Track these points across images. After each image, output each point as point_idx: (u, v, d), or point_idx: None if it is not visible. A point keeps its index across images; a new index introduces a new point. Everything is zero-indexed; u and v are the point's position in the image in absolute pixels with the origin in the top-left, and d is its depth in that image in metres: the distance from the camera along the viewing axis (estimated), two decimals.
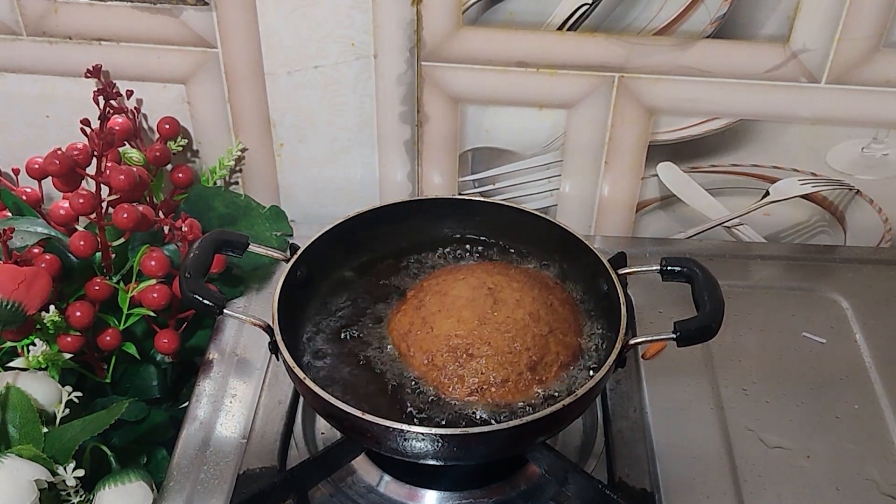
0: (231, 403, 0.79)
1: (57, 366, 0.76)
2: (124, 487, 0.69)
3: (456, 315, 0.71)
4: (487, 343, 0.69)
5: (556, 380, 0.69)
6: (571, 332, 0.72)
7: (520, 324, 0.70)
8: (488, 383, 0.68)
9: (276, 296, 0.70)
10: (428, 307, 0.73)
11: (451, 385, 0.68)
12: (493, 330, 0.70)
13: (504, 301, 0.72)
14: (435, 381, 0.69)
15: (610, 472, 0.73)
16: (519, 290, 0.73)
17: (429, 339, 0.71)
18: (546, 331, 0.70)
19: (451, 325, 0.71)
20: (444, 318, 0.71)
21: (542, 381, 0.69)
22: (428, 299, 0.74)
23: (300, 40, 0.88)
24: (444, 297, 0.73)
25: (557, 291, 0.75)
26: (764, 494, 0.72)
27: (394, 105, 0.92)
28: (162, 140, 0.94)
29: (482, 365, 0.68)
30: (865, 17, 0.81)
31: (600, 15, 0.83)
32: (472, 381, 0.68)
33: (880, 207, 0.95)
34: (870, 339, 0.86)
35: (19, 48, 0.91)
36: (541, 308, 0.72)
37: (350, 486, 0.74)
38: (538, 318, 0.71)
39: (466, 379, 0.68)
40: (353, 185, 0.98)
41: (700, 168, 0.94)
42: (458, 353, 0.69)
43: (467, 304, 0.72)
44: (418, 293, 0.76)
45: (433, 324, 0.71)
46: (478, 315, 0.71)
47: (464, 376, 0.68)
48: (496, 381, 0.68)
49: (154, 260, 0.80)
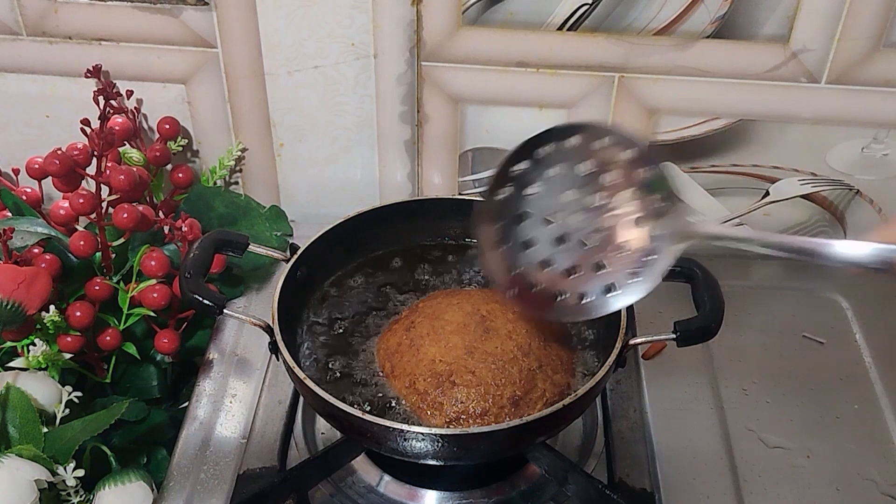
0: (231, 403, 0.79)
1: (57, 366, 0.76)
2: (124, 487, 0.69)
3: (444, 340, 0.69)
4: (472, 373, 0.67)
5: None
6: (562, 369, 0.70)
7: (508, 356, 0.68)
8: (467, 413, 0.66)
9: (276, 296, 0.70)
10: (418, 329, 0.71)
11: (429, 411, 0.66)
12: (480, 360, 0.68)
13: (496, 331, 0.70)
14: (415, 406, 0.67)
15: (610, 472, 0.73)
16: (513, 321, 0.70)
17: (413, 362, 0.69)
18: (535, 366, 0.68)
19: (437, 351, 0.69)
20: (432, 343, 0.69)
21: (524, 416, 0.65)
22: (419, 321, 0.72)
23: (300, 40, 0.88)
24: (435, 320, 0.71)
25: (554, 325, 0.72)
26: (764, 494, 0.72)
27: (394, 105, 0.92)
28: (162, 140, 0.94)
29: (463, 394, 0.66)
30: (865, 17, 0.81)
31: (600, 15, 0.83)
32: (451, 411, 0.66)
33: (880, 207, 0.95)
34: (870, 339, 0.86)
35: (19, 48, 0.91)
36: (533, 341, 0.69)
37: (350, 486, 0.74)
38: (528, 352, 0.69)
39: (446, 407, 0.66)
40: (353, 185, 0.98)
41: (700, 168, 0.94)
42: (440, 379, 0.67)
43: (457, 331, 0.70)
44: (411, 314, 0.74)
45: (420, 346, 0.69)
46: (466, 343, 0.69)
47: (443, 404, 0.66)
48: (475, 413, 0.66)
49: (154, 260, 0.80)
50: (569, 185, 0.62)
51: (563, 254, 0.64)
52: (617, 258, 0.61)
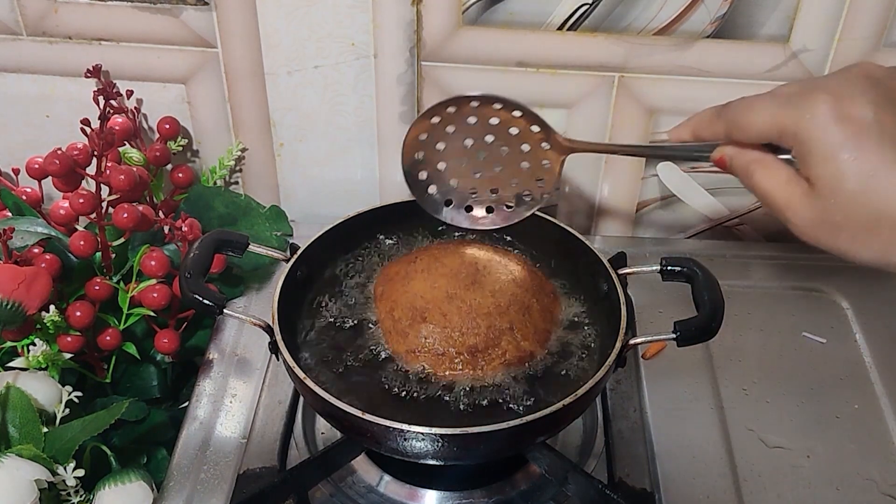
0: (231, 403, 0.79)
1: (57, 366, 0.76)
2: (124, 487, 0.69)
3: (433, 281, 0.73)
4: (444, 315, 0.70)
5: (492, 373, 0.69)
6: (532, 338, 0.71)
7: (482, 309, 0.70)
8: (426, 349, 0.69)
9: (276, 296, 0.70)
10: (417, 264, 0.75)
11: (396, 337, 0.71)
12: (455, 306, 0.70)
13: (482, 284, 0.72)
14: (386, 330, 0.72)
15: (610, 472, 0.73)
16: (503, 282, 0.73)
17: (399, 292, 0.73)
18: (505, 326, 0.70)
19: (422, 287, 0.72)
20: (422, 280, 0.73)
21: (477, 369, 0.69)
22: (422, 258, 0.76)
23: (300, 40, 0.88)
24: (434, 261, 0.75)
25: (546, 301, 0.75)
26: (764, 494, 0.72)
27: (394, 105, 0.92)
28: (162, 140, 0.94)
29: (427, 331, 0.70)
30: (865, 17, 0.81)
31: (600, 15, 0.83)
32: (413, 343, 0.70)
33: None
34: (870, 339, 0.86)
35: (19, 48, 0.91)
36: (513, 305, 0.71)
37: (350, 486, 0.74)
38: (503, 312, 0.71)
39: (410, 337, 0.70)
40: (353, 185, 0.98)
41: (700, 168, 0.94)
42: (414, 313, 0.71)
43: (448, 274, 0.73)
44: (420, 252, 0.78)
45: (412, 280, 0.74)
46: (451, 288, 0.72)
47: (409, 335, 0.70)
48: (433, 351, 0.69)
49: (154, 260, 0.80)
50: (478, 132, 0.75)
51: (481, 180, 0.77)
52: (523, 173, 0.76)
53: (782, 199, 0.53)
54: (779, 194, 0.53)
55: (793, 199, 0.52)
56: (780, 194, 0.53)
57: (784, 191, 0.53)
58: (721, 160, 0.58)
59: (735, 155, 0.57)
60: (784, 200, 0.53)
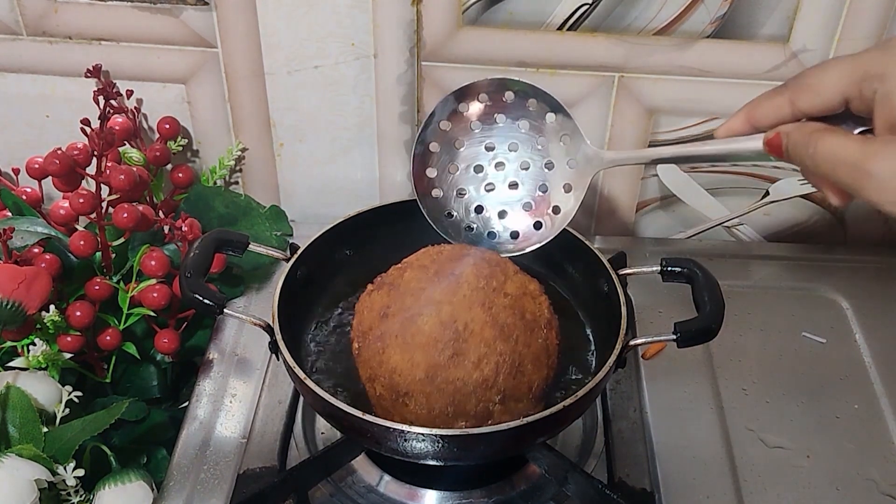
0: (231, 403, 0.79)
1: (57, 366, 0.76)
2: (124, 487, 0.69)
3: (410, 353, 0.64)
4: (426, 397, 0.63)
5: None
6: (526, 398, 0.65)
7: (468, 388, 0.63)
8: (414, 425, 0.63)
9: (276, 296, 0.71)
10: (390, 322, 0.66)
11: (380, 411, 0.66)
12: (438, 387, 0.63)
13: (464, 354, 0.63)
14: (371, 397, 0.67)
15: (610, 472, 0.73)
16: (490, 340, 0.64)
17: (377, 361, 0.65)
18: (495, 399, 0.64)
19: (398, 361, 0.64)
20: (397, 350, 0.64)
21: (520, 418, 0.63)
22: (393, 311, 0.67)
23: (300, 40, 0.88)
24: (408, 323, 0.65)
25: (540, 335, 0.67)
26: (764, 494, 0.72)
27: (394, 105, 0.92)
28: (162, 140, 0.94)
29: (412, 416, 0.64)
30: (865, 17, 0.81)
31: (600, 15, 0.83)
32: (400, 420, 0.64)
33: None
34: (870, 339, 0.86)
35: (19, 48, 0.91)
36: (502, 370, 0.63)
37: (350, 486, 0.74)
38: (492, 385, 0.63)
39: (395, 416, 0.65)
40: (353, 185, 0.99)
41: (700, 168, 0.94)
42: (396, 393, 0.64)
43: (426, 345, 0.64)
44: (391, 291, 0.68)
45: (387, 347, 0.65)
46: (431, 363, 0.63)
47: (393, 415, 0.65)
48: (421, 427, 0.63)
49: (154, 260, 0.80)
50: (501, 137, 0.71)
51: (492, 198, 0.73)
52: (539, 198, 0.71)
53: (859, 154, 0.46)
54: (853, 151, 0.47)
55: (871, 151, 0.46)
56: (855, 151, 0.47)
57: (859, 148, 0.47)
58: (775, 139, 0.53)
59: (793, 130, 0.52)
60: (861, 154, 0.46)
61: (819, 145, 0.49)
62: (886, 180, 0.44)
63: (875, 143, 0.46)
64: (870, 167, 0.45)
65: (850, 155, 0.46)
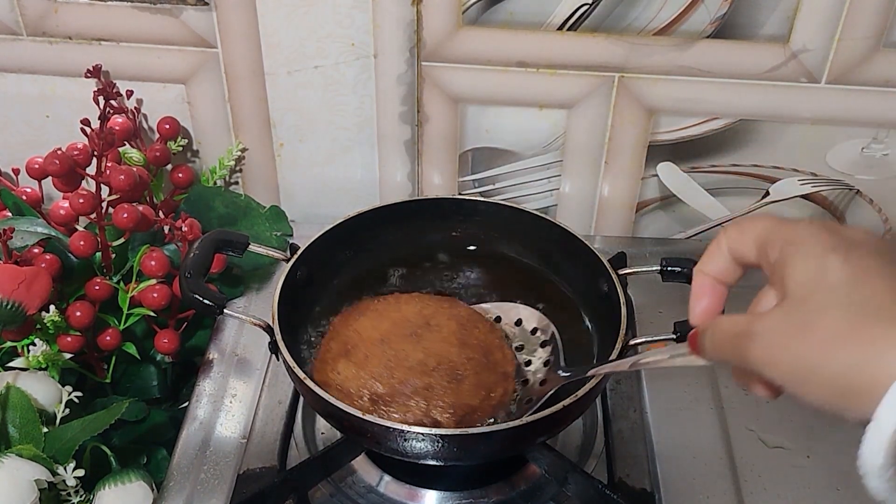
0: (231, 403, 0.79)
1: (57, 366, 0.76)
2: (124, 487, 0.69)
3: (378, 322, 0.71)
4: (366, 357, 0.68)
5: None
6: (446, 409, 0.66)
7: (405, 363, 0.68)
8: (335, 384, 0.68)
9: (276, 296, 0.70)
10: (379, 303, 0.75)
11: (317, 365, 0.70)
12: (381, 351, 0.68)
13: (420, 339, 0.70)
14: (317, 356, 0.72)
15: (610, 472, 0.73)
16: (445, 343, 0.70)
17: (344, 324, 0.72)
18: (420, 385, 0.67)
19: (365, 325, 0.71)
20: (370, 318, 0.72)
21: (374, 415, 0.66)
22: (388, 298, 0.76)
23: (300, 40, 0.88)
24: (395, 304, 0.74)
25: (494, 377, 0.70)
26: (764, 494, 0.72)
27: (394, 105, 0.92)
28: (162, 140, 0.94)
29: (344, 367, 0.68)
30: (865, 17, 0.81)
31: (600, 15, 0.83)
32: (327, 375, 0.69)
33: (880, 207, 0.95)
34: None
35: (19, 48, 0.91)
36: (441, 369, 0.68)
37: (350, 486, 0.74)
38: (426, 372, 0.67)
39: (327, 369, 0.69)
40: (353, 185, 0.99)
41: (700, 168, 0.94)
42: (342, 347, 0.70)
43: (395, 320, 0.71)
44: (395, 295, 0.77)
45: (362, 315, 0.73)
46: (389, 332, 0.70)
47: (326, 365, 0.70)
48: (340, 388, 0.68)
49: (154, 260, 0.80)
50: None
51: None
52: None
53: (745, 323, 0.44)
54: (742, 322, 0.44)
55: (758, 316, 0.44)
56: (743, 321, 0.44)
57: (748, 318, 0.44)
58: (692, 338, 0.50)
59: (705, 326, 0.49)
60: (748, 322, 0.44)
61: (716, 327, 0.47)
62: (767, 338, 0.42)
63: (762, 309, 0.45)
64: (753, 328, 0.43)
65: (738, 325, 0.44)
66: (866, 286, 0.40)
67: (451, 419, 0.66)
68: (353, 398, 0.66)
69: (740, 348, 0.43)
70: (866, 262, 0.41)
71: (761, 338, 0.42)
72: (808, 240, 0.43)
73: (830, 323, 0.39)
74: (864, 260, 0.41)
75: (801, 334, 0.40)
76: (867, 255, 0.41)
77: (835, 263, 0.41)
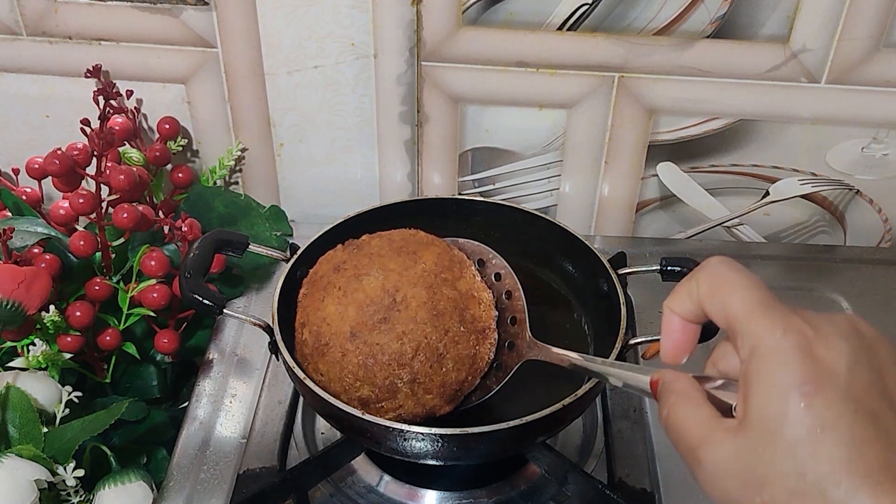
0: (231, 403, 0.79)
1: (57, 366, 0.76)
2: (124, 487, 0.69)
3: (343, 307, 0.67)
4: (343, 355, 0.65)
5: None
6: (437, 393, 0.66)
7: (383, 357, 0.65)
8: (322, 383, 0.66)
9: (275, 296, 0.70)
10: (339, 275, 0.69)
11: (300, 356, 0.68)
12: (356, 347, 0.65)
13: (393, 322, 0.65)
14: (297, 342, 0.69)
15: (610, 472, 0.73)
16: (421, 320, 0.66)
17: (311, 308, 0.69)
18: (406, 377, 0.65)
19: (331, 312, 0.67)
20: (335, 301, 0.67)
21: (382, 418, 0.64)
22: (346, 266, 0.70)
23: (300, 40, 0.88)
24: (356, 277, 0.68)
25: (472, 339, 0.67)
26: None
27: (394, 105, 0.92)
28: (162, 140, 0.94)
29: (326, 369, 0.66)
30: (865, 17, 0.81)
31: (600, 15, 0.83)
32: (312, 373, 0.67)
33: (880, 207, 0.95)
34: None
35: (19, 48, 0.91)
36: (422, 352, 0.65)
37: (350, 486, 0.74)
38: (407, 363, 0.65)
39: (310, 367, 0.67)
40: (353, 185, 0.99)
41: (700, 168, 0.94)
42: (317, 341, 0.67)
43: (360, 303, 0.66)
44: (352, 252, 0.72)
45: (327, 296, 0.68)
46: (357, 321, 0.66)
47: (309, 363, 0.68)
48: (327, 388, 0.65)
49: (154, 260, 0.80)
50: None
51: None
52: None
53: (697, 437, 0.41)
54: (695, 432, 0.41)
55: (708, 438, 0.40)
56: (696, 432, 0.41)
57: (701, 431, 0.41)
58: (654, 383, 0.49)
59: (667, 381, 0.47)
60: (699, 438, 0.41)
61: (671, 410, 0.44)
62: (715, 472, 0.40)
63: (718, 430, 0.41)
64: (700, 455, 0.40)
65: (691, 434, 0.41)
66: (822, 454, 0.37)
67: (444, 401, 0.66)
68: (346, 399, 0.65)
69: (689, 460, 0.41)
70: (830, 413, 0.37)
71: (710, 470, 0.40)
72: (776, 365, 0.39)
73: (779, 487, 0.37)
74: (830, 409, 0.37)
75: (746, 488, 0.38)
76: (835, 401, 0.37)
77: (796, 411, 0.37)
